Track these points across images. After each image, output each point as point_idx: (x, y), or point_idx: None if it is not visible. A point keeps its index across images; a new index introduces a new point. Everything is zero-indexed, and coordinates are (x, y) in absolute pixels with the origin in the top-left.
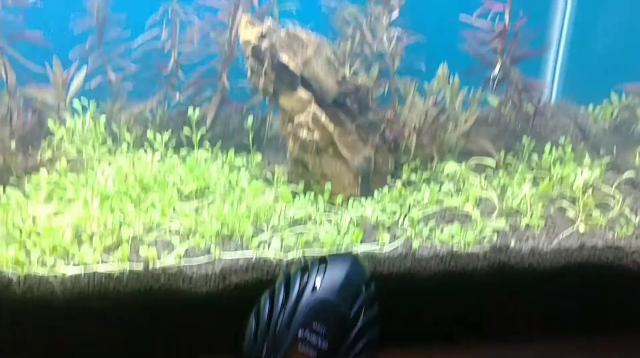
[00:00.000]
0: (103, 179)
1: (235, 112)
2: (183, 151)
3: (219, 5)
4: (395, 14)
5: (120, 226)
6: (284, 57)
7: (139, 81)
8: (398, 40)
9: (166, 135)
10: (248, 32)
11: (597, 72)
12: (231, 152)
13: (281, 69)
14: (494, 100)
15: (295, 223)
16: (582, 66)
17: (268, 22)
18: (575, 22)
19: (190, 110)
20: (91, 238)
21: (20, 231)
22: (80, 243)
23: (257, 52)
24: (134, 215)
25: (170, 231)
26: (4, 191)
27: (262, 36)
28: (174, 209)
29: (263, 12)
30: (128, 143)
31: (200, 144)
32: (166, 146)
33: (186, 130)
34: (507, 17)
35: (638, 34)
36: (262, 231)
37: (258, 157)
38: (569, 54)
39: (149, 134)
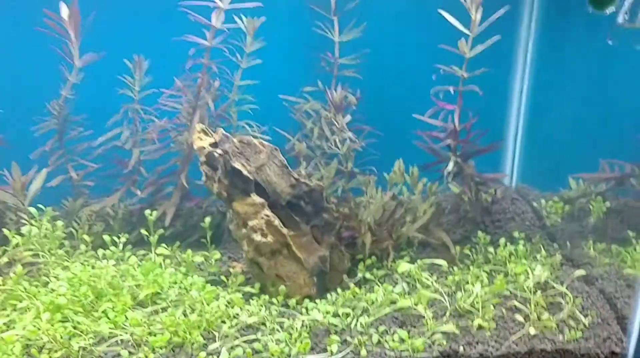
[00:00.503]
0: (56, 287)
1: (196, 208)
2: (141, 251)
3: (178, 108)
4: (348, 118)
5: (70, 338)
6: (237, 164)
7: (100, 178)
8: (352, 141)
9: (123, 238)
10: (202, 140)
11: (555, 160)
12: (188, 252)
13: (235, 175)
14: (455, 188)
15: (248, 328)
16: (539, 154)
17: (220, 131)
18: (530, 113)
19: (147, 211)
20: (40, 350)
21: None
22: (29, 356)
23: (210, 159)
24: (86, 326)
25: (121, 341)
26: None
27: (215, 144)
28: (126, 317)
29: (220, 114)
30: (87, 244)
31: (160, 242)
32: (124, 246)
33: (144, 230)
34: (457, 117)
35: (592, 123)
36: (213, 340)
37: (217, 254)
38: (526, 144)
39: (106, 237)
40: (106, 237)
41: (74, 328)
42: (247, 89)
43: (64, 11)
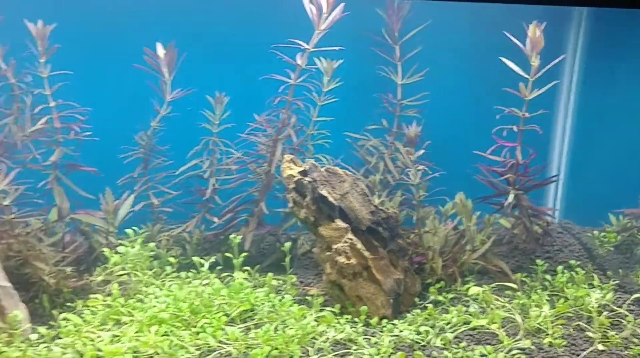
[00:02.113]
0: (156, 303)
1: (269, 235)
2: (224, 274)
3: (258, 140)
4: (421, 151)
5: (176, 349)
6: (324, 191)
7: (178, 205)
8: (423, 174)
9: (212, 259)
10: (291, 169)
11: (595, 197)
12: (269, 274)
13: (321, 201)
14: (505, 222)
15: (337, 344)
16: (582, 190)
17: (309, 161)
18: (573, 151)
19: (232, 236)
20: None
21: (81, 355)
22: None
23: (299, 187)
24: (188, 339)
25: (222, 354)
26: (62, 315)
27: (304, 172)
28: (224, 332)
29: (298, 147)
30: (171, 265)
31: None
32: (203, 268)
33: (228, 253)
34: (518, 153)
35: (632, 161)
36: (307, 354)
37: (293, 278)
38: (569, 180)
39: (195, 259)
40: (196, 259)
41: (179, 341)
42: (322, 124)
43: (160, 50)
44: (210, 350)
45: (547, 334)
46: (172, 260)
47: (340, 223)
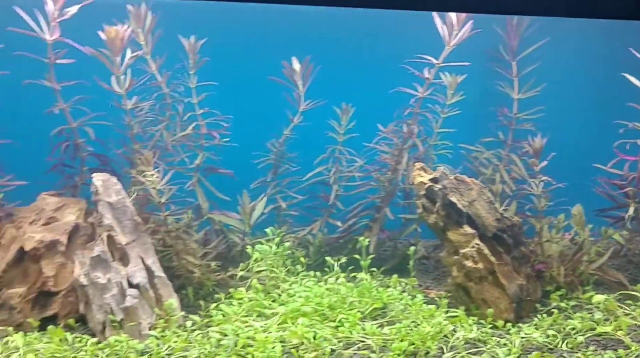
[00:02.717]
0: (297, 298)
1: (388, 240)
2: (352, 274)
3: (384, 149)
4: (544, 163)
5: (322, 340)
6: (453, 198)
7: (303, 209)
8: (546, 185)
9: (343, 259)
10: (421, 176)
11: None
12: (394, 276)
13: (450, 207)
14: (617, 236)
15: (467, 344)
16: None
17: (440, 168)
18: None
19: (361, 238)
20: (296, 350)
21: (235, 343)
22: (288, 356)
23: (429, 193)
24: (329, 332)
25: (360, 348)
26: (213, 305)
27: (435, 180)
28: (361, 326)
29: (421, 156)
30: (302, 265)
31: (356, 269)
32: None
33: (356, 255)
34: None
35: None
36: (441, 351)
37: (415, 280)
38: None
39: (328, 258)
40: (328, 259)
41: (320, 332)
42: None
43: (295, 64)
44: (350, 343)
45: None
46: (302, 259)
47: (468, 229)
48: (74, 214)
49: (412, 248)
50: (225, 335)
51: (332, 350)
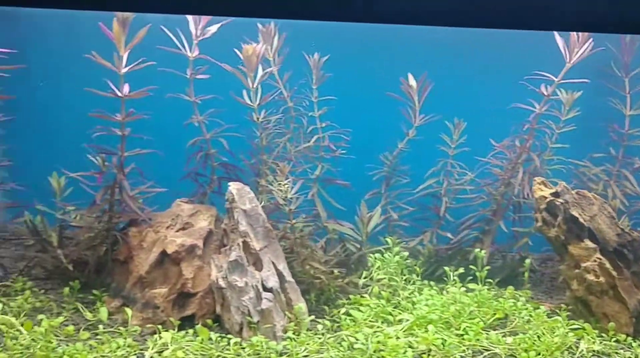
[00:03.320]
0: (422, 306)
1: (497, 252)
2: (468, 285)
3: (498, 163)
4: None
5: (452, 347)
6: (575, 212)
7: (414, 220)
8: None
9: (461, 270)
10: (542, 190)
11: None
12: (510, 288)
13: (572, 222)
14: None
15: (593, 356)
16: None
17: (562, 183)
18: None
19: (476, 250)
20: (427, 356)
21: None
22: None
23: (550, 207)
24: (455, 339)
25: (487, 356)
26: (342, 310)
27: (556, 194)
28: (486, 335)
29: (535, 171)
30: (417, 274)
31: (463, 280)
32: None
33: (468, 266)
34: None
35: None
36: None
37: (529, 293)
38: None
39: (446, 268)
40: (446, 268)
41: (450, 338)
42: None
43: (412, 80)
44: (476, 351)
45: None
46: (417, 269)
47: (589, 243)
48: (206, 221)
49: (527, 260)
50: (357, 340)
51: (462, 357)
